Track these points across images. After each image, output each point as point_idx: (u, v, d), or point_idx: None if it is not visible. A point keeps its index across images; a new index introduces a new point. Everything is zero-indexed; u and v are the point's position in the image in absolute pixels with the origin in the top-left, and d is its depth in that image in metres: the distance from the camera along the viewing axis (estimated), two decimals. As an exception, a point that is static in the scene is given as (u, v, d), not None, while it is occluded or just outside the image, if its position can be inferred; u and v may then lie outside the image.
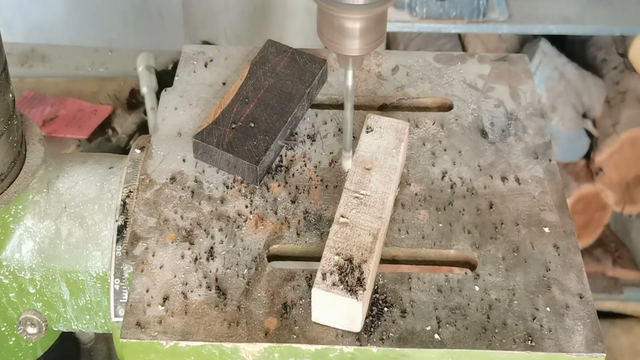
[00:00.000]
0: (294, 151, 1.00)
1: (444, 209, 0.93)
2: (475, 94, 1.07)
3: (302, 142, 1.01)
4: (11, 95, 0.92)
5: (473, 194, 0.95)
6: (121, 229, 0.92)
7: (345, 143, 0.94)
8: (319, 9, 0.79)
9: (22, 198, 0.93)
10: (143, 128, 1.66)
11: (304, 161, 0.99)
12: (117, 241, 0.91)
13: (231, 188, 0.95)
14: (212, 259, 0.88)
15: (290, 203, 0.94)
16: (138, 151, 0.99)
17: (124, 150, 1.57)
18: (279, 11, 2.12)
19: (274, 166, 0.98)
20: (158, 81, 1.71)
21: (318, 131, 1.02)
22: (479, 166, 0.98)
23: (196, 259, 0.88)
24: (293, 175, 0.97)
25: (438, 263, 0.91)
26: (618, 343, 2.53)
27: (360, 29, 0.78)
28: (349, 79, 0.86)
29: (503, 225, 0.92)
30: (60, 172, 0.98)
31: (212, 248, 0.89)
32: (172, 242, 0.90)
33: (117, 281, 0.91)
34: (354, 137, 0.95)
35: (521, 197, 0.95)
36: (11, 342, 0.98)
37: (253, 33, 2.15)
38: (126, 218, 0.93)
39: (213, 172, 0.97)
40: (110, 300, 0.91)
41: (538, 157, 0.99)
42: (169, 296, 0.85)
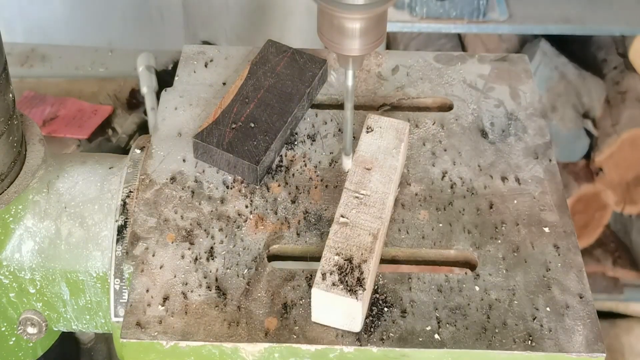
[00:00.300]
0: (294, 151, 1.00)
1: (444, 209, 0.93)
2: (475, 94, 1.07)
3: (302, 142, 1.01)
4: (11, 95, 0.92)
5: (473, 194, 0.95)
6: (121, 229, 0.92)
7: (345, 143, 0.94)
8: (319, 9, 0.79)
9: (22, 198, 0.93)
10: (143, 128, 1.65)
11: (304, 161, 0.99)
12: (117, 241, 0.91)
13: (231, 188, 0.95)
14: (212, 259, 0.88)
15: (290, 203, 0.94)
16: (138, 151, 0.99)
17: (124, 150, 1.57)
18: (279, 11, 2.12)
19: (274, 166, 0.98)
20: (158, 81, 1.71)
21: (318, 131, 1.02)
22: (479, 166, 0.98)
23: (196, 259, 0.88)
24: (293, 175, 0.97)
25: (438, 263, 0.91)
26: (618, 343, 2.53)
27: (360, 29, 0.78)
28: (349, 79, 0.86)
29: (503, 225, 0.92)
30: (60, 172, 0.98)
31: (212, 248, 0.89)
32: (172, 242, 0.90)
33: (117, 281, 0.91)
34: (354, 137, 0.95)
35: (521, 197, 0.95)
36: (11, 342, 0.98)
37: (253, 33, 2.15)
38: (126, 218, 0.93)
39: (213, 172, 0.97)
40: (110, 300, 0.91)
41: (538, 157, 0.99)
42: (169, 296, 0.85)
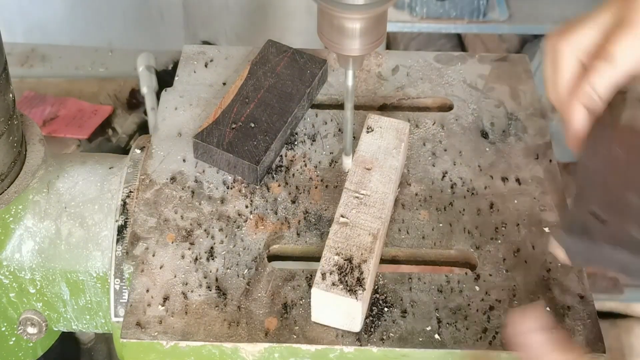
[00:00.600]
0: (294, 151, 1.00)
1: (444, 209, 0.93)
2: (475, 94, 1.07)
3: (303, 142, 1.01)
4: (11, 95, 0.92)
5: (473, 194, 0.95)
6: (121, 229, 0.92)
7: (345, 143, 0.94)
8: (319, 9, 0.79)
9: (23, 198, 0.93)
10: (143, 128, 1.66)
11: (304, 161, 0.99)
12: (117, 241, 0.91)
13: (231, 188, 0.95)
14: (212, 259, 0.88)
15: (290, 203, 0.94)
16: (138, 151, 0.99)
17: (124, 150, 1.57)
18: (279, 11, 2.12)
19: (274, 166, 0.98)
20: (158, 81, 1.71)
21: (318, 131, 1.02)
22: (479, 166, 0.98)
23: (196, 259, 0.88)
24: (293, 175, 0.97)
25: (438, 263, 0.91)
26: (618, 343, 2.53)
27: (360, 29, 0.78)
28: (349, 79, 0.85)
29: (503, 225, 0.92)
30: (60, 172, 0.97)
31: (212, 248, 0.89)
32: (172, 242, 0.90)
33: (117, 281, 0.91)
34: (354, 137, 0.95)
35: (521, 198, 0.95)
36: (11, 342, 0.98)
37: (253, 33, 2.15)
38: (126, 218, 0.93)
39: (213, 172, 0.97)
40: (110, 300, 0.91)
41: (538, 158, 0.99)
42: (169, 296, 0.85)
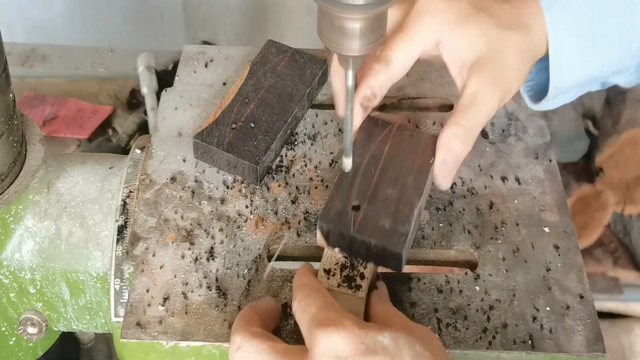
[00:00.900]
0: (295, 151, 1.00)
1: (444, 209, 0.93)
2: (475, 94, 1.07)
3: (303, 143, 1.01)
4: (11, 95, 0.92)
5: (473, 194, 0.95)
6: (121, 229, 0.92)
7: (345, 144, 0.94)
8: (320, 9, 0.78)
9: (23, 198, 0.93)
10: (143, 128, 1.66)
11: (304, 161, 0.99)
12: (118, 241, 0.91)
13: (231, 188, 0.95)
14: (213, 259, 0.88)
15: (290, 203, 0.94)
16: (138, 151, 0.99)
17: (124, 150, 1.57)
18: (279, 11, 2.12)
19: (274, 166, 0.98)
20: (158, 81, 1.71)
21: (318, 131, 1.02)
22: (479, 166, 0.98)
23: (196, 259, 0.88)
24: (293, 175, 0.97)
25: (438, 263, 0.91)
26: (618, 343, 2.53)
27: (360, 29, 0.78)
28: (349, 80, 0.85)
29: (503, 225, 0.92)
30: (60, 172, 0.97)
31: (213, 248, 0.89)
32: (173, 242, 0.90)
33: (118, 281, 0.91)
34: (354, 138, 0.95)
35: (521, 197, 0.95)
36: (11, 342, 0.98)
37: (253, 33, 2.15)
38: (126, 218, 0.93)
39: (213, 172, 0.97)
40: (110, 300, 0.91)
41: (538, 157, 0.99)
42: (169, 296, 0.85)
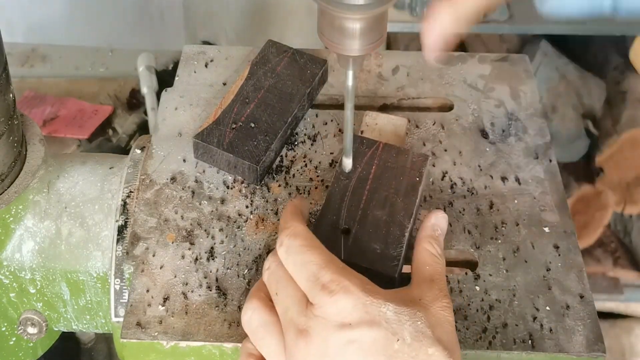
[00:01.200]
0: (295, 151, 1.00)
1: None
2: (475, 94, 1.07)
3: (303, 143, 1.01)
4: (12, 95, 0.92)
5: (473, 194, 0.95)
6: (121, 229, 0.92)
7: (345, 144, 0.94)
8: (320, 9, 0.78)
9: (23, 198, 0.93)
10: (143, 128, 1.66)
11: (305, 162, 0.99)
12: (118, 241, 0.91)
13: (231, 188, 0.95)
14: (213, 259, 0.88)
15: (290, 203, 0.94)
16: (138, 151, 0.99)
17: (124, 150, 1.57)
18: (279, 11, 2.12)
19: (275, 166, 0.98)
20: (158, 81, 1.71)
21: (318, 131, 1.02)
22: (479, 166, 0.98)
23: (196, 259, 0.88)
24: (293, 175, 0.97)
25: (438, 263, 0.91)
26: (618, 343, 2.53)
27: (360, 29, 0.78)
28: (349, 80, 0.85)
29: (503, 225, 0.92)
30: (60, 172, 0.97)
31: (213, 248, 0.89)
32: (173, 242, 0.90)
33: (118, 281, 0.90)
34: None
35: (521, 197, 0.95)
36: (11, 342, 0.98)
37: (253, 33, 2.15)
38: (126, 218, 0.93)
39: (213, 172, 0.97)
40: (110, 300, 0.91)
41: (538, 157, 0.99)
42: (170, 296, 0.85)
